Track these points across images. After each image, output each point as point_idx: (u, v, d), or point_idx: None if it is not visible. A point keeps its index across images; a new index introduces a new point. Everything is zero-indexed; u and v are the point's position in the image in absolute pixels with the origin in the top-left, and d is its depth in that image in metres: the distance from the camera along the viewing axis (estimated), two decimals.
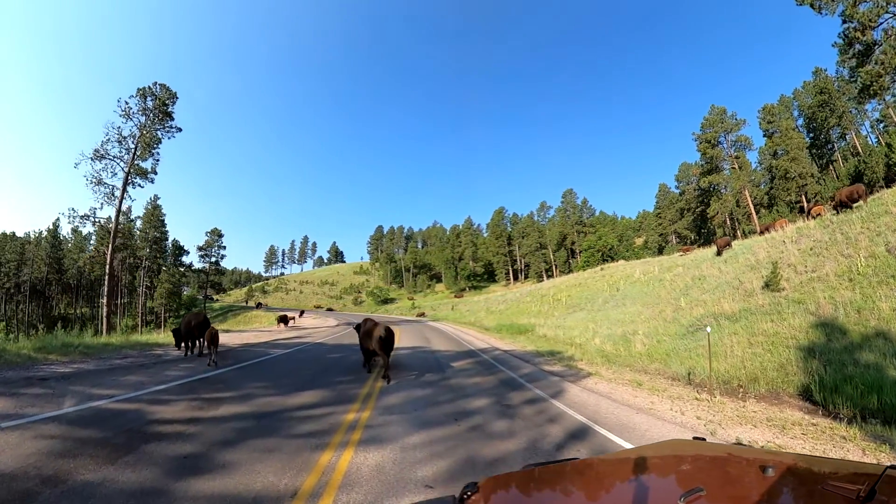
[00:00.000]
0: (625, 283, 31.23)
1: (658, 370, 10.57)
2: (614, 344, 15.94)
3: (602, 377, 10.04)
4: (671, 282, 24.74)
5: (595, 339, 18.12)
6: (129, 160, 33.33)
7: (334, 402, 6.53)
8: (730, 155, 61.05)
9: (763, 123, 61.57)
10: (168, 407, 6.31)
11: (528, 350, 15.57)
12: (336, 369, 10.14)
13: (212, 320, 50.44)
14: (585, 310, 29.18)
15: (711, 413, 6.57)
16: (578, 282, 38.93)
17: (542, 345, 17.12)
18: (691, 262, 27.92)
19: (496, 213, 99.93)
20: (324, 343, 16.98)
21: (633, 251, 77.20)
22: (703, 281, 20.87)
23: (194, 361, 11.21)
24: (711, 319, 14.22)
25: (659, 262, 34.38)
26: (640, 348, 14.22)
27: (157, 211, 71.88)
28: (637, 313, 21.56)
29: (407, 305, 78.84)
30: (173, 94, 36.10)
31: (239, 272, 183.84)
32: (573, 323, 25.42)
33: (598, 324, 22.55)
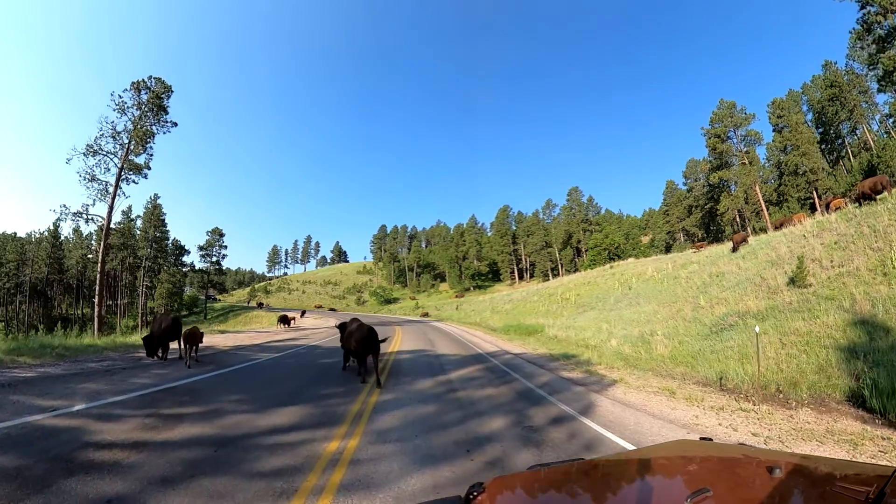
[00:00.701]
0: (637, 282, 30.01)
1: (684, 374, 9.61)
2: (633, 346, 14.93)
3: (629, 385, 8.85)
4: (687, 279, 23.69)
5: (611, 340, 17.14)
6: (123, 155, 32.32)
7: (317, 424, 5.29)
8: (739, 150, 59.64)
9: (773, 118, 60.11)
10: (115, 425, 5.18)
11: (541, 353, 14.34)
12: (327, 378, 8.91)
13: (212, 320, 49.71)
14: (596, 309, 27.96)
15: (765, 427, 5.69)
16: (587, 280, 37.62)
17: (555, 347, 15.93)
18: (706, 258, 26.80)
19: (500, 211, 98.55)
20: (319, 346, 15.76)
21: (640, 250, 75.74)
22: (721, 278, 19.92)
23: (170, 367, 10.09)
24: (736, 318, 13.43)
25: (672, 259, 33.12)
26: (662, 350, 13.13)
27: (158, 210, 71.13)
28: (653, 312, 20.55)
29: (410, 305, 77.68)
30: (168, 87, 35.09)
31: (243, 272, 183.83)
32: (585, 323, 24.40)
33: (612, 324, 21.60)
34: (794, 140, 55.78)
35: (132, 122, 32.84)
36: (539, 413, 6.10)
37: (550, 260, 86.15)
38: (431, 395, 7.24)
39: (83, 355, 11.51)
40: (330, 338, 19.00)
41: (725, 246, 29.01)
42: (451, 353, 13.70)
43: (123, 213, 74.50)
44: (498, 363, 11.56)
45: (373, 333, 8.63)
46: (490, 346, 16.18)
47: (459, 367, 10.51)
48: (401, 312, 69.40)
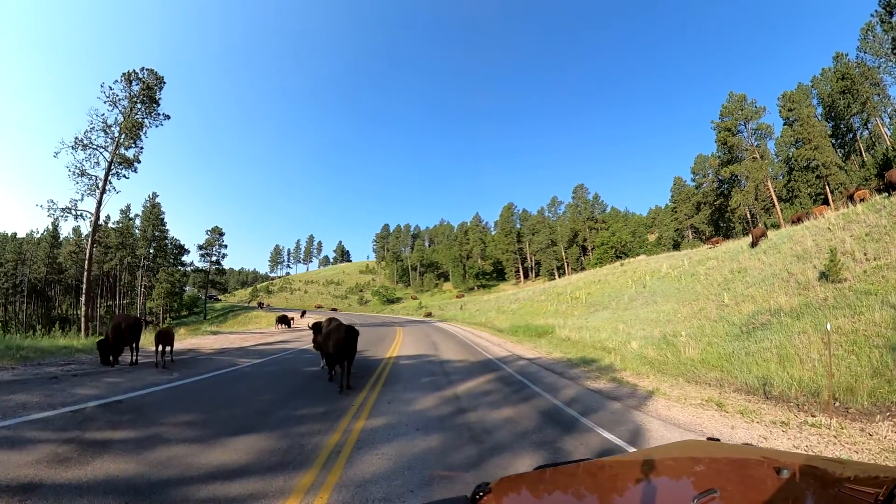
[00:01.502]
0: (652, 279, 28.56)
1: (720, 380, 8.65)
2: (656, 348, 13.68)
3: (667, 396, 7.50)
4: (706, 276, 22.48)
5: (631, 342, 15.75)
6: (113, 149, 31.09)
7: (276, 466, 3.79)
8: (751, 144, 58.06)
9: (783, 111, 58.40)
10: (18, 454, 3.91)
11: (557, 358, 12.86)
12: (307, 392, 7.46)
13: (212, 321, 48.32)
14: (610, 308, 26.52)
15: (847, 447, 4.70)
16: (597, 278, 36.10)
17: (570, 350, 14.50)
18: (724, 254, 25.45)
19: (505, 209, 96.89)
20: (309, 350, 14.19)
21: (647, 248, 74.05)
22: (744, 274, 18.85)
23: (130, 374, 8.75)
24: (768, 317, 12.68)
25: (687, 256, 31.65)
26: (691, 353, 11.91)
27: (157, 209, 70.13)
28: (672, 312, 19.04)
29: (413, 305, 76.26)
30: (160, 78, 33.84)
31: (246, 273, 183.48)
32: (598, 323, 23.05)
33: (629, 324, 20.32)
34: (805, 134, 54.12)
35: (123, 115, 31.59)
36: (578, 445, 4.59)
37: (556, 258, 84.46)
38: (435, 418, 5.76)
39: (52, 357, 10.42)
40: None
41: (742, 241, 27.92)
42: (456, 358, 12.24)
43: (122, 211, 73.82)
44: (511, 371, 10.07)
45: (352, 335, 7.60)
46: (499, 350, 14.71)
47: (468, 378, 9.03)
48: (404, 312, 67.97)
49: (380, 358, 12.16)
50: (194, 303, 79.23)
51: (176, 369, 9.72)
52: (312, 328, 9.99)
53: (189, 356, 12.62)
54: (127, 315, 11.01)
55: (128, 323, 10.24)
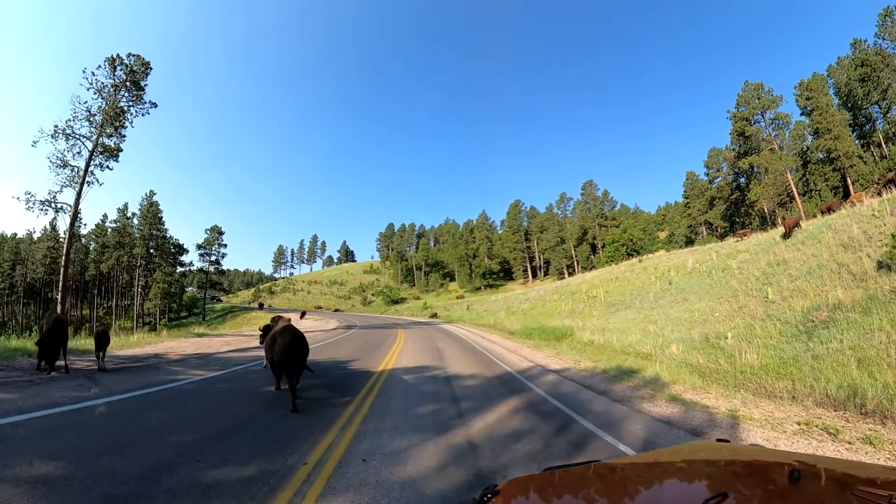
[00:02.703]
0: (677, 275, 26.05)
1: (793, 392, 7.23)
2: (703, 353, 11.71)
3: (756, 421, 5.69)
4: (740, 270, 20.27)
5: (670, 346, 13.36)
6: (95, 138, 29.03)
7: None
8: (769, 135, 55.40)
9: (801, 100, 55.44)
10: None
11: (588, 369, 10.43)
12: (248, 430, 5.05)
13: (211, 321, 45.98)
14: (633, 308, 24.04)
15: None
16: (615, 275, 33.50)
17: (599, 357, 12.15)
18: (755, 246, 23.27)
19: (512, 206, 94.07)
20: None
21: (658, 245, 71.21)
22: (785, 266, 17.00)
23: (36, 387, 6.81)
24: (827, 313, 11.40)
25: (714, 249, 29.07)
26: (749, 359, 10.08)
27: (154, 207, 68.27)
28: (708, 310, 17.00)
29: (418, 305, 73.83)
30: (146, 63, 31.65)
31: (251, 274, 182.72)
32: (622, 324, 20.76)
33: (660, 325, 17.90)
34: (824, 123, 51.47)
35: (105, 101, 29.51)
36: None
37: (566, 257, 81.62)
38: (438, 499, 3.33)
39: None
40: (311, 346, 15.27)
41: (772, 233, 25.55)
42: (467, 372, 9.68)
43: (119, 210, 72.12)
44: (542, 393, 7.46)
45: (299, 341, 6.32)
46: (516, 359, 12.20)
47: (485, 406, 6.45)
48: (408, 313, 65.54)
49: (371, 370, 9.77)
50: (194, 303, 77.65)
51: (103, 381, 7.69)
52: (262, 332, 8.87)
53: (146, 362, 10.64)
54: (49, 315, 9.44)
55: (48, 326, 8.48)
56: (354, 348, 14.50)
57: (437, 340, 18.32)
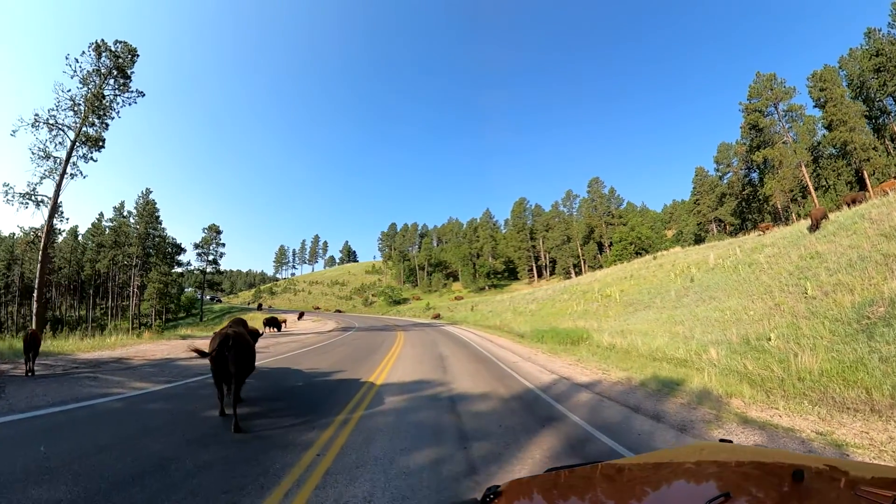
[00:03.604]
0: (699, 272, 24.17)
1: (872, 403, 6.00)
2: (747, 357, 10.26)
3: (864, 449, 4.24)
4: (770, 265, 18.89)
5: (707, 350, 11.69)
6: (78, 127, 27.41)
7: None
8: (782, 127, 53.48)
9: (814, 92, 53.40)
10: None
11: (622, 380, 8.60)
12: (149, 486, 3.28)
13: (208, 322, 43.97)
14: (654, 307, 22.14)
15: None
16: (628, 273, 31.50)
17: (628, 365, 10.44)
18: (782, 239, 21.74)
19: (517, 204, 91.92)
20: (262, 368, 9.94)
21: (666, 244, 69.06)
22: (821, 259, 15.94)
23: None
24: (885, 308, 10.13)
25: (737, 244, 27.22)
26: (807, 363, 8.57)
27: (151, 206, 66.67)
28: (741, 309, 15.66)
29: (421, 306, 71.89)
30: (133, 50, 30.03)
31: (254, 275, 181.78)
32: (645, 326, 19.00)
33: (688, 326, 16.37)
34: (839, 115, 49.44)
35: (87, 88, 27.89)
36: None
37: (572, 256, 79.46)
38: None
39: None
40: (298, 350, 13.40)
41: (796, 226, 24.27)
42: (476, 389, 7.64)
43: (115, 209, 70.63)
44: (580, 421, 5.44)
45: (238, 343, 5.34)
46: (533, 368, 10.26)
47: (508, 448, 4.46)
48: (410, 314, 63.57)
49: (357, 386, 7.88)
50: (192, 304, 76.21)
51: (13, 394, 6.15)
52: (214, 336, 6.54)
53: (96, 368, 8.98)
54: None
55: None
56: (344, 355, 12.65)
57: (440, 345, 16.39)
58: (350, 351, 13.61)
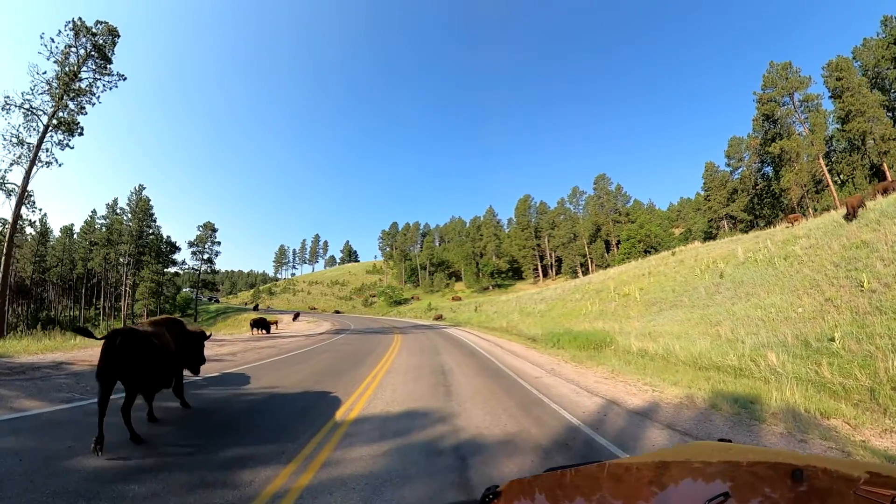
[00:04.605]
0: (728, 267, 21.93)
1: None
2: (818, 363, 8.68)
3: None
4: (809, 257, 17.31)
5: (766, 355, 9.62)
6: (52, 111, 25.36)
7: None
8: (798, 118, 51.18)
9: (830, 81, 51.06)
10: None
11: (682, 399, 6.52)
12: None
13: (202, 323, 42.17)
14: (682, 306, 19.89)
15: None
16: (646, 270, 29.09)
17: (677, 377, 8.27)
18: (817, 230, 19.99)
19: (521, 201, 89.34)
20: (201, 384, 7.61)
21: (674, 242, 66.64)
22: (869, 249, 14.72)
23: None
24: None
25: (763, 237, 25.04)
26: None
27: (144, 203, 64.56)
28: (787, 305, 14.16)
29: (422, 306, 69.52)
30: (113, 30, 27.88)
31: (255, 275, 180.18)
32: (675, 327, 17.00)
33: (728, 327, 14.41)
34: (857, 105, 47.09)
35: (62, 69, 25.81)
36: None
37: (580, 254, 76.88)
38: None
39: None
40: (266, 361, 11.05)
41: (828, 216, 22.64)
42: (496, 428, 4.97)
43: (108, 206, 68.60)
44: None
45: (134, 341, 4.30)
46: (564, 386, 7.86)
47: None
48: (411, 315, 61.19)
49: (320, 417, 5.54)
50: (188, 304, 74.39)
51: None
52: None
53: (17, 377, 6.81)
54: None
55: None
56: (325, 365, 10.31)
57: (442, 352, 13.99)
58: (333, 360, 11.29)
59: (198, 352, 6.27)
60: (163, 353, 4.85)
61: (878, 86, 50.77)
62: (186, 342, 5.97)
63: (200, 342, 6.40)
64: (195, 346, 6.23)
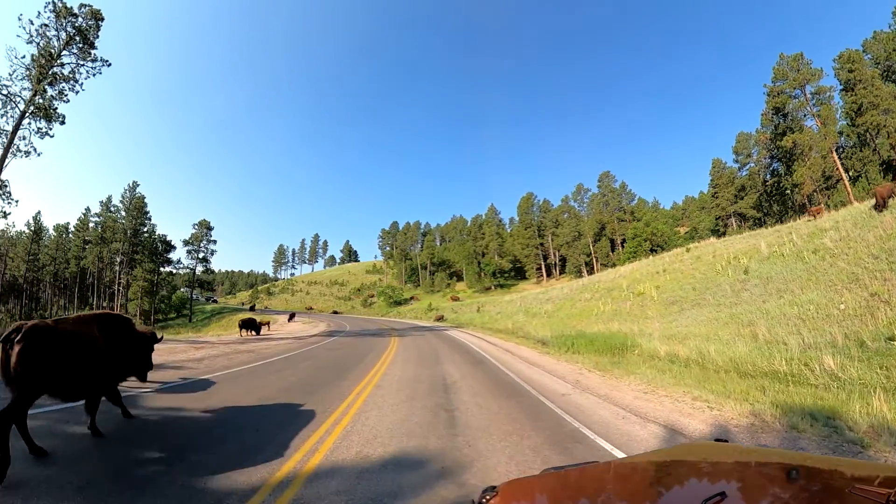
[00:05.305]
0: (752, 262, 20.40)
1: None
2: (884, 366, 7.44)
3: None
4: (842, 250, 16.09)
5: (823, 358, 8.28)
6: (29, 96, 23.97)
7: None
8: (810, 111, 49.59)
9: (842, 73, 49.57)
10: None
11: (751, 419, 5.01)
12: None
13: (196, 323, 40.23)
14: (706, 305, 18.34)
15: None
16: (660, 268, 27.39)
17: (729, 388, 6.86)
18: (844, 222, 18.77)
19: (524, 199, 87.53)
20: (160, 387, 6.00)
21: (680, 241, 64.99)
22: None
23: None
24: None
25: (786, 231, 23.43)
26: None
27: (138, 200, 62.99)
28: (826, 302, 12.95)
29: (423, 306, 67.80)
30: (97, 13, 26.43)
31: (254, 275, 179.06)
32: (701, 328, 15.70)
33: (765, 327, 12.94)
34: (870, 97, 45.62)
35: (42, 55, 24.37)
36: None
37: (585, 253, 75.09)
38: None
39: None
40: (236, 369, 9.34)
41: (854, 207, 21.76)
42: None
43: (102, 203, 67.07)
44: None
45: (39, 336, 3.77)
46: (602, 407, 6.05)
47: None
48: (411, 315, 59.46)
49: (272, 460, 3.86)
50: (183, 304, 72.85)
51: None
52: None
53: None
54: None
55: None
56: (301, 377, 8.54)
57: (443, 359, 12.24)
58: (313, 370, 9.50)
59: (146, 356, 5.75)
60: (83, 353, 4.20)
61: (889, 79, 49.49)
62: (130, 344, 5.26)
63: (149, 345, 5.87)
64: (142, 349, 5.65)
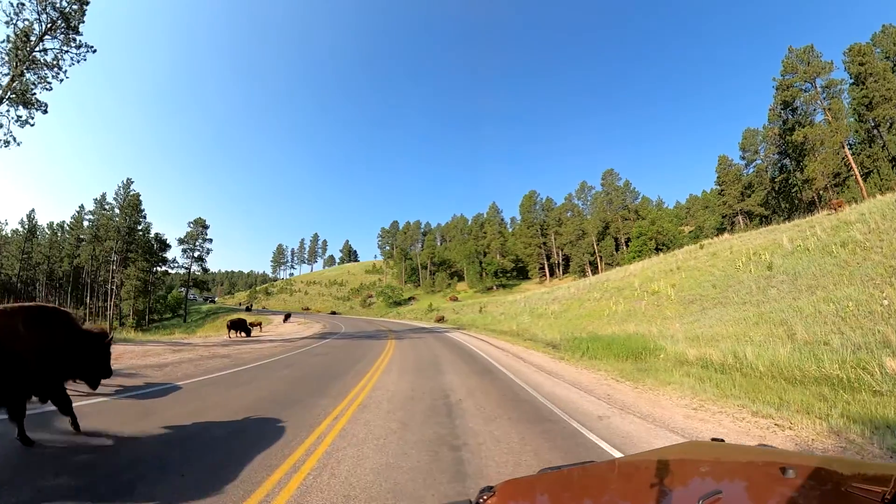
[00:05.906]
0: (776, 258, 19.02)
1: None
2: None
3: None
4: (873, 243, 15.18)
5: (884, 361, 7.32)
6: (8, 81, 22.58)
7: None
8: (821, 104, 48.32)
9: (852, 66, 48.53)
10: None
11: (836, 440, 3.69)
12: None
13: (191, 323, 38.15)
14: (730, 303, 17.03)
15: None
16: (674, 265, 25.94)
17: (794, 398, 5.44)
18: (872, 214, 17.77)
19: (526, 197, 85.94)
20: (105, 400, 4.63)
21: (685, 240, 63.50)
22: None
23: None
24: None
25: (808, 224, 22.05)
26: None
27: (132, 198, 61.58)
28: (865, 298, 12.01)
29: (423, 307, 66.36)
30: None
31: (254, 275, 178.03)
32: (727, 328, 14.77)
33: (802, 326, 11.94)
34: (882, 91, 44.41)
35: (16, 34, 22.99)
36: None
37: (589, 252, 73.56)
38: None
39: None
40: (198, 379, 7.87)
41: (880, 199, 20.84)
42: None
43: (96, 201, 65.77)
44: None
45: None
46: (654, 438, 4.69)
47: None
48: (411, 316, 58.00)
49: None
50: (179, 304, 71.68)
51: None
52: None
53: None
54: None
55: None
56: (275, 389, 7.01)
57: (446, 368, 10.73)
58: (290, 382, 7.87)
59: (96, 359, 4.87)
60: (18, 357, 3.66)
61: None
62: (69, 343, 4.41)
63: (100, 345, 4.93)
64: (91, 350, 4.74)
